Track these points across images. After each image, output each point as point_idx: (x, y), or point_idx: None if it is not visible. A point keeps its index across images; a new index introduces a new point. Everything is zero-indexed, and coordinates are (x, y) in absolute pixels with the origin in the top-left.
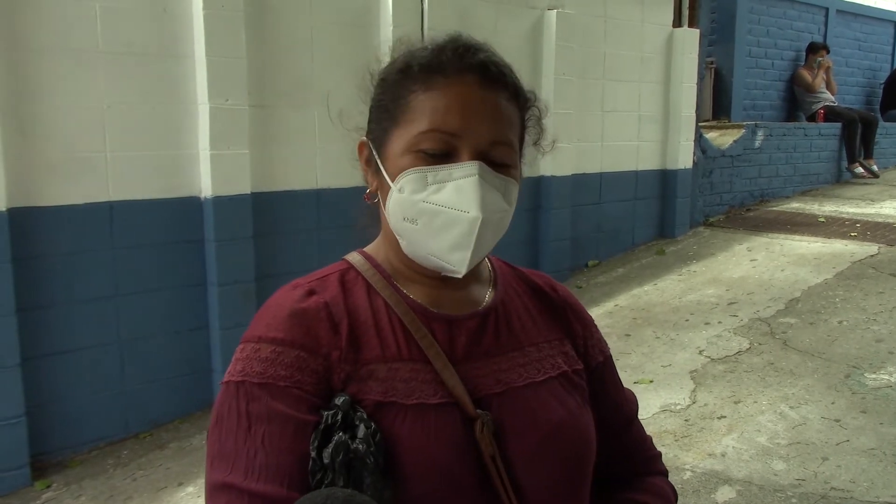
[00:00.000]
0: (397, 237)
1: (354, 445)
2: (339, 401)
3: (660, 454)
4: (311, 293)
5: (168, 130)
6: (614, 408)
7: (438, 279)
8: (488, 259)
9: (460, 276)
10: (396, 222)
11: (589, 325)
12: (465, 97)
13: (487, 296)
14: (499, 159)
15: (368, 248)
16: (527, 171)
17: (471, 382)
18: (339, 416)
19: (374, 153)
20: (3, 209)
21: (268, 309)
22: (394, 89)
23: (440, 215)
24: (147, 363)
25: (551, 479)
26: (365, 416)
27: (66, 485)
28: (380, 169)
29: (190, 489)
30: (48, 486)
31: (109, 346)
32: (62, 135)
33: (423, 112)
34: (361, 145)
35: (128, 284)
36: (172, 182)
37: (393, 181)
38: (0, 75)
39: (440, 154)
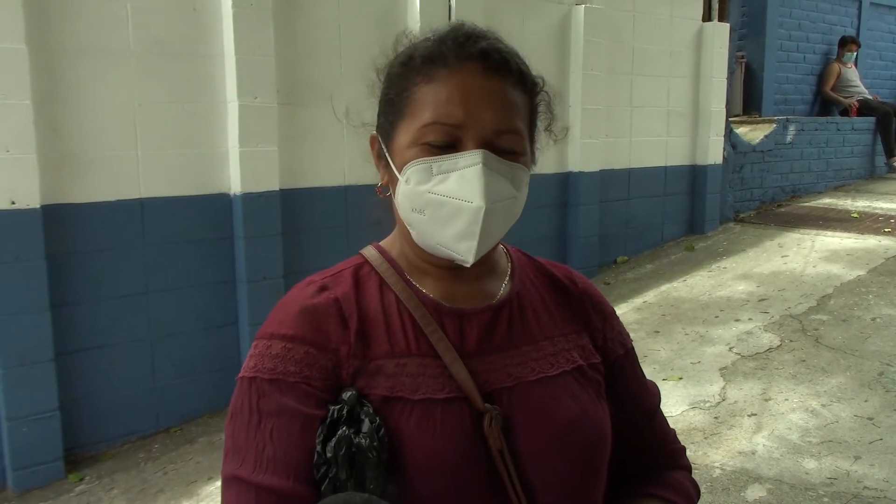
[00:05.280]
0: (408, 228)
1: (357, 440)
2: (345, 396)
3: (684, 448)
4: (322, 289)
5: (198, 128)
6: (635, 401)
7: (451, 271)
8: (507, 250)
9: (468, 265)
10: (406, 213)
11: (609, 317)
12: (466, 87)
13: (503, 289)
14: (505, 146)
15: (384, 242)
16: (554, 167)
17: (481, 377)
18: (345, 411)
19: (383, 146)
20: (37, 206)
21: (282, 306)
22: (398, 82)
23: (446, 205)
24: (177, 359)
25: (562, 476)
26: (371, 411)
27: (99, 478)
28: (389, 162)
29: (219, 483)
30: (81, 479)
31: (140, 341)
32: (94, 133)
33: (426, 104)
34: (373, 139)
35: (158, 281)
36: (202, 179)
37: (400, 173)
38: (33, 75)
39: (444, 146)
